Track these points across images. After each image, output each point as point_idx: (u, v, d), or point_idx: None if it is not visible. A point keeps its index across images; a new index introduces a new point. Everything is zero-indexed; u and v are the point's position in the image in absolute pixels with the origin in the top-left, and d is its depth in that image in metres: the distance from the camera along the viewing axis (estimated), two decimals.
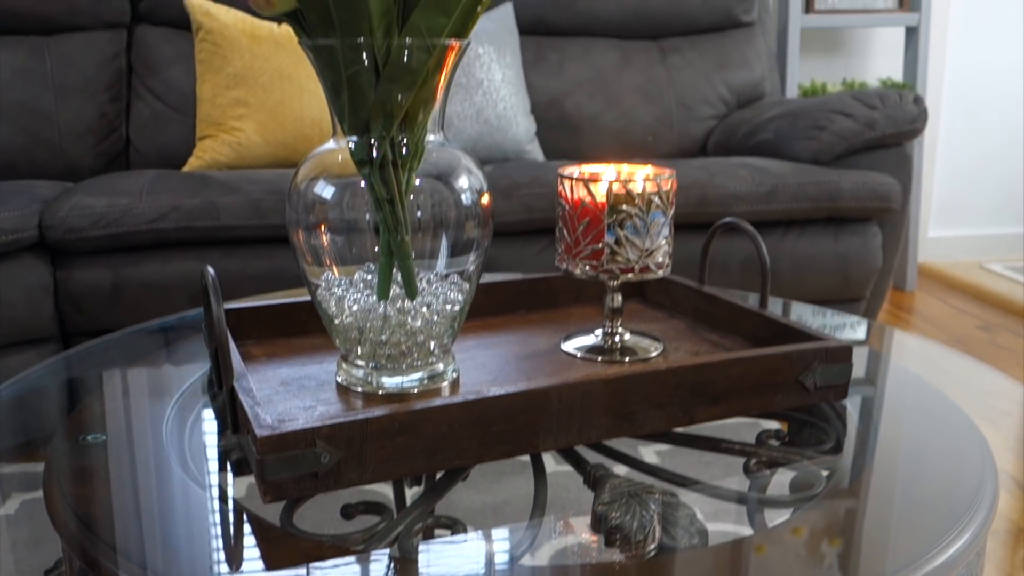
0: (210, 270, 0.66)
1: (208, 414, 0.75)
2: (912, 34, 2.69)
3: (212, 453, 0.68)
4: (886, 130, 1.85)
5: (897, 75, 2.80)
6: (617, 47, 2.29)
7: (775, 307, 1.12)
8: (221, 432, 0.71)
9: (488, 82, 1.99)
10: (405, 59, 0.62)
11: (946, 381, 0.86)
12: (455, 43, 0.65)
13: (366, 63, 0.62)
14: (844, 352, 0.73)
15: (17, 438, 0.81)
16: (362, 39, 0.62)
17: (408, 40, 0.62)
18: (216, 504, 0.60)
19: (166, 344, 0.98)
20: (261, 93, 1.87)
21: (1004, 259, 3.07)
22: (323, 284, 0.72)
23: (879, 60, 2.84)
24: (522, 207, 1.70)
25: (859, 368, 0.87)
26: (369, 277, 0.72)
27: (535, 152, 2.07)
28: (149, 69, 2.05)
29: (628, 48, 2.29)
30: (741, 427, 0.78)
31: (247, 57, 1.88)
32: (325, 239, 0.70)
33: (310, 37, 0.64)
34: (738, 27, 2.37)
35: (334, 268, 0.72)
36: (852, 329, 1.09)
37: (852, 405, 0.77)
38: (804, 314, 1.14)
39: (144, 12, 2.10)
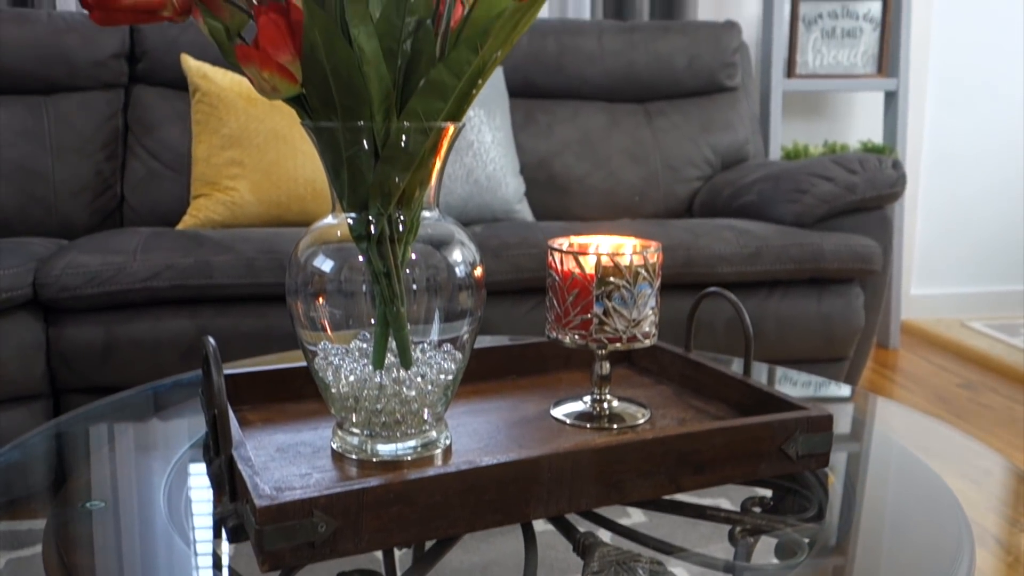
0: (211, 340, 0.68)
1: (205, 480, 0.76)
2: (891, 98, 2.76)
3: (208, 521, 0.70)
4: (866, 194, 1.90)
5: (878, 137, 2.87)
6: (605, 110, 2.34)
7: (760, 371, 1.15)
8: (217, 498, 0.72)
9: (479, 144, 2.03)
10: (403, 143, 0.65)
11: (926, 443, 0.88)
12: (451, 125, 0.68)
13: (366, 146, 0.65)
14: (825, 421, 0.76)
15: (9, 498, 0.82)
16: (362, 123, 0.65)
17: (406, 124, 0.65)
18: (212, 573, 0.62)
19: (162, 407, 1.00)
20: (256, 153, 1.90)
21: (985, 317, 3.11)
22: (320, 353, 0.74)
23: (860, 123, 2.91)
24: (511, 267, 1.73)
25: (841, 434, 0.89)
26: (364, 345, 0.75)
27: (524, 212, 2.11)
28: (145, 128, 2.09)
29: (615, 111, 2.35)
30: (728, 487, 0.79)
31: (242, 118, 1.92)
32: (323, 310, 0.72)
33: (312, 120, 0.67)
34: (722, 91, 2.43)
35: (331, 337, 0.74)
36: (836, 392, 1.11)
37: (834, 471, 0.79)
38: (789, 378, 1.16)
39: (141, 73, 2.14)
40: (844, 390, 1.13)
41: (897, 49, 2.71)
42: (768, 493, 0.78)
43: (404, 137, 0.65)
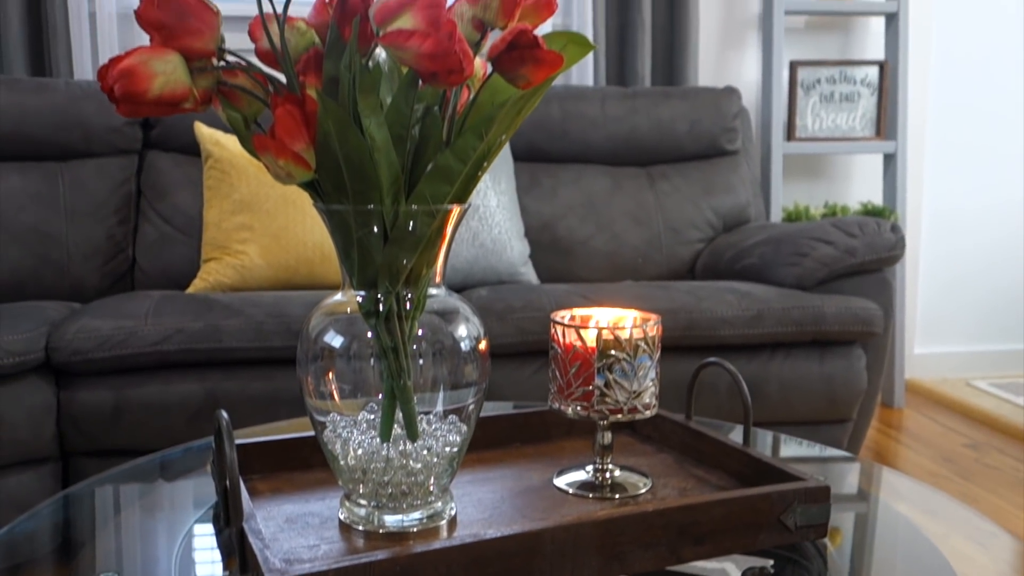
0: (224, 415, 0.71)
1: (215, 551, 0.78)
2: (890, 160, 2.81)
3: None
4: (866, 257, 1.93)
5: (878, 198, 2.91)
6: (608, 173, 2.39)
7: (764, 438, 1.16)
8: (228, 569, 0.74)
9: (484, 208, 2.07)
10: (411, 226, 0.68)
11: (927, 513, 0.89)
12: (457, 207, 0.71)
13: (375, 229, 0.68)
14: (823, 492, 0.77)
15: (21, 568, 0.83)
16: (372, 206, 0.68)
17: (414, 207, 0.68)
18: None
19: (172, 475, 1.02)
20: (266, 218, 1.94)
21: (990, 376, 3.12)
22: (329, 425, 0.76)
23: (860, 184, 2.95)
24: (516, 330, 1.75)
25: (844, 500, 0.90)
26: (372, 417, 0.77)
27: (529, 274, 2.14)
28: (158, 193, 2.13)
29: (618, 174, 2.39)
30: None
31: (253, 184, 1.97)
32: (332, 383, 0.74)
33: (325, 202, 0.70)
34: (723, 155, 2.48)
35: (340, 408, 0.76)
36: (838, 459, 1.12)
37: (834, 540, 0.81)
38: (791, 443, 1.17)
39: (155, 139, 2.20)
40: (846, 457, 1.14)
41: (895, 113, 2.77)
42: (770, 562, 0.79)
43: (412, 221, 0.68)
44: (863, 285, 1.95)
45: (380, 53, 0.72)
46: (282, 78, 0.70)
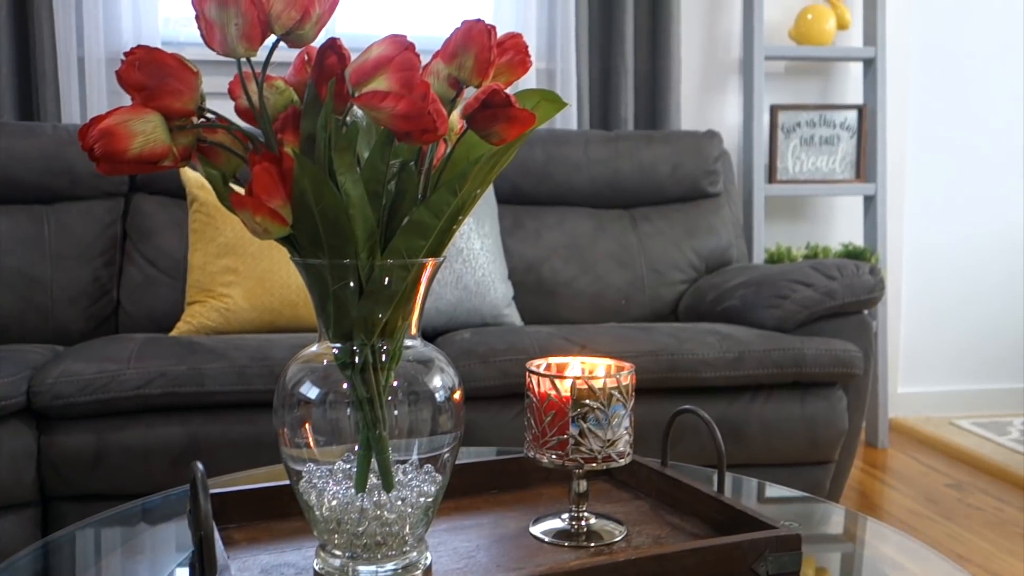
0: (199, 466, 0.71)
1: None
2: (870, 202, 2.85)
3: None
4: (845, 299, 1.95)
5: (859, 238, 2.95)
6: (591, 215, 2.41)
7: (742, 484, 1.17)
8: None
9: (468, 251, 2.09)
10: (386, 281, 0.69)
11: (900, 562, 0.90)
12: (432, 261, 0.73)
13: (351, 284, 0.70)
14: (794, 541, 0.78)
15: None
16: (348, 260, 0.69)
17: (389, 261, 0.70)
18: None
19: (152, 522, 1.01)
20: (250, 261, 1.96)
21: (973, 415, 3.14)
22: (305, 475, 0.77)
23: (841, 225, 2.99)
24: (499, 373, 1.76)
25: (821, 542, 0.91)
26: (348, 467, 0.77)
27: (513, 316, 2.15)
28: (143, 235, 2.14)
29: (601, 216, 2.42)
30: None
31: (238, 227, 1.98)
32: (308, 434, 0.75)
33: (301, 256, 0.72)
34: (705, 197, 2.51)
35: (316, 456, 0.77)
36: (815, 504, 1.13)
37: None
38: (772, 489, 1.18)
39: (141, 182, 2.21)
40: (825, 503, 1.15)
41: (874, 155, 2.81)
42: None
43: (387, 276, 0.70)
44: (843, 327, 1.97)
45: (358, 109, 0.74)
46: (261, 135, 0.72)
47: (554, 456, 0.83)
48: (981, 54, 3.07)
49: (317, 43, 0.74)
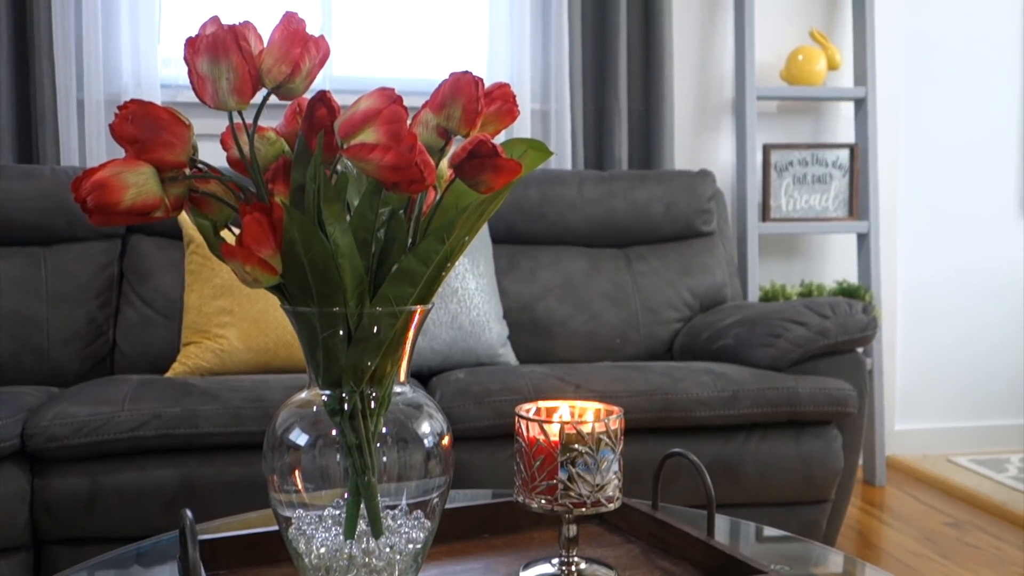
0: (188, 515, 0.72)
1: None
2: (863, 239, 2.86)
3: None
4: (838, 338, 1.96)
5: (853, 276, 2.96)
6: (586, 255, 2.43)
7: (742, 529, 1.17)
8: None
9: (463, 291, 2.10)
10: (375, 329, 0.70)
11: None
12: (420, 309, 0.74)
13: (340, 332, 0.70)
14: None
15: None
16: (337, 308, 0.70)
17: (378, 309, 0.71)
18: None
19: (144, 567, 1.01)
20: (245, 302, 1.96)
21: (971, 452, 3.13)
22: (294, 522, 0.77)
23: (835, 262, 3.00)
24: (493, 413, 1.76)
25: None
26: (337, 512, 0.78)
27: (507, 355, 2.16)
28: (140, 276, 2.15)
29: (596, 256, 2.43)
30: None
31: None
32: (297, 481, 0.75)
33: (291, 304, 0.73)
34: (699, 236, 2.52)
35: (305, 500, 0.77)
36: (806, 547, 1.13)
37: None
38: (763, 529, 1.18)
39: (139, 224, 2.22)
40: (819, 546, 1.15)
41: (866, 194, 2.83)
42: None
43: (376, 324, 0.71)
44: (837, 365, 1.98)
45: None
46: (252, 184, 0.73)
47: (543, 501, 0.84)
48: (971, 93, 3.10)
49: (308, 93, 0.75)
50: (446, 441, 0.79)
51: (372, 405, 0.74)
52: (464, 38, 2.75)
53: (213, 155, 1.24)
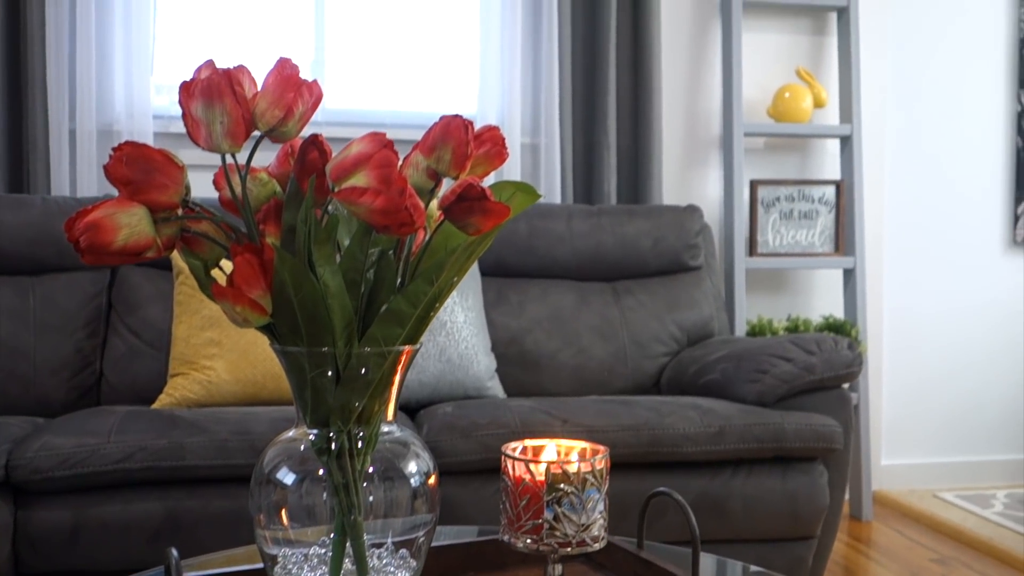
0: (174, 553, 0.72)
1: None
2: (849, 275, 2.89)
3: None
4: (824, 374, 1.97)
5: (839, 311, 2.98)
6: (574, 288, 2.44)
7: (727, 568, 1.17)
8: None
9: (451, 324, 2.11)
10: (363, 371, 0.71)
11: None
12: (408, 349, 0.74)
13: (329, 373, 0.71)
14: None
15: None
16: (326, 349, 0.71)
17: (367, 349, 0.72)
18: None
19: None
20: (234, 334, 1.96)
21: (957, 488, 3.14)
22: (280, 560, 0.77)
23: (821, 297, 3.02)
24: (480, 447, 1.76)
25: None
26: (323, 551, 0.78)
27: (496, 388, 2.16)
28: (128, 307, 2.15)
29: (584, 289, 2.44)
30: None
31: None
32: (284, 520, 0.76)
33: (280, 343, 0.73)
34: (686, 271, 2.54)
35: (291, 537, 0.77)
36: None
37: None
38: (746, 570, 1.18)
39: None
40: None
41: (852, 229, 2.86)
42: None
43: (364, 366, 0.71)
44: (823, 401, 1.99)
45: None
46: (243, 225, 0.74)
47: (529, 540, 0.84)
48: (955, 130, 3.15)
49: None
50: (432, 480, 0.79)
51: (359, 444, 0.74)
52: (455, 73, 2.78)
53: (205, 185, 1.25)
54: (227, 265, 1.07)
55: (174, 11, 2.60)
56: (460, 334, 2.11)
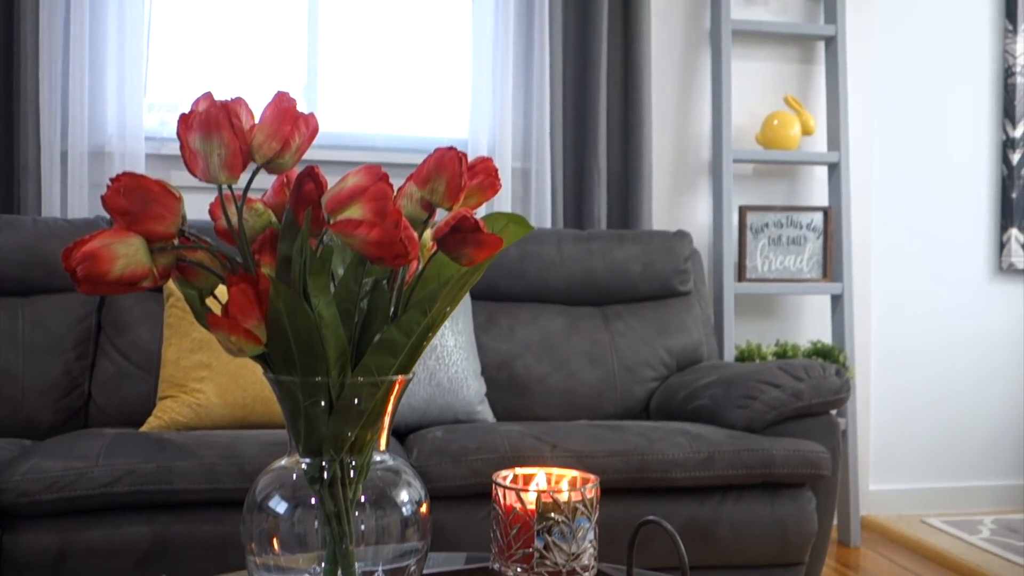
0: None
1: None
2: (837, 301, 2.91)
3: None
4: (812, 400, 1.98)
5: (827, 336, 3.00)
6: (564, 313, 2.45)
7: None
8: None
9: (441, 348, 2.11)
10: (356, 401, 0.72)
11: None
12: (401, 379, 0.75)
13: (322, 403, 0.72)
14: None
15: None
16: (319, 378, 0.72)
17: (360, 379, 0.72)
18: None
19: None
20: (224, 357, 1.96)
21: (944, 513, 3.15)
22: None
23: (810, 323, 3.04)
24: (470, 472, 1.76)
25: None
26: None
27: (485, 412, 2.16)
28: (118, 329, 2.15)
29: (574, 314, 2.45)
30: None
31: None
32: (276, 548, 0.76)
33: (274, 372, 0.74)
34: (676, 296, 2.56)
35: (282, 572, 0.77)
36: None
37: None
38: None
39: None
40: None
41: (840, 256, 2.89)
42: None
43: (357, 397, 0.72)
44: (811, 428, 2.00)
45: None
46: (238, 254, 0.75)
47: (519, 569, 0.84)
48: (942, 157, 3.19)
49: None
50: (424, 508, 0.79)
51: (351, 474, 0.75)
52: (447, 97, 2.80)
53: (200, 208, 1.25)
54: (221, 290, 1.08)
55: (167, 33, 2.62)
56: (450, 358, 2.12)
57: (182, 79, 2.63)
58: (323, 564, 0.75)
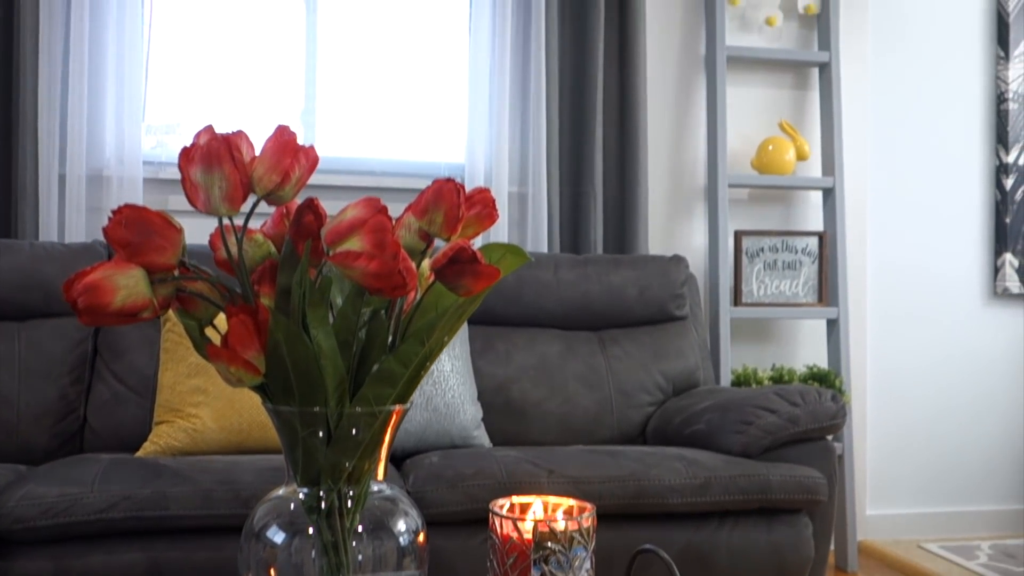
0: None
1: None
2: (833, 325, 2.92)
3: None
4: (808, 426, 1.99)
5: (823, 360, 3.01)
6: (560, 337, 2.45)
7: None
8: None
9: (438, 372, 2.11)
10: (354, 431, 0.72)
11: None
12: (399, 408, 0.75)
13: (320, 433, 0.72)
14: None
15: None
16: (318, 408, 0.72)
17: (358, 409, 0.73)
18: None
19: None
20: (220, 382, 1.96)
21: (941, 539, 3.14)
22: None
23: (805, 347, 3.05)
24: (466, 497, 1.76)
25: None
26: None
27: (482, 437, 2.16)
28: (115, 353, 2.15)
29: (571, 338, 2.46)
30: None
31: None
32: None
33: (272, 402, 0.74)
34: (672, 320, 2.56)
35: None
36: None
37: None
38: None
39: None
40: None
41: (835, 280, 2.90)
42: None
43: (355, 427, 0.72)
44: (807, 453, 2.00)
45: None
46: (238, 285, 0.75)
47: None
48: (936, 182, 3.21)
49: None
50: (421, 538, 0.80)
51: (349, 503, 0.75)
52: (444, 122, 2.82)
53: (200, 234, 1.26)
54: (219, 318, 1.08)
55: (165, 55, 2.63)
56: (447, 383, 2.12)
57: (179, 101, 2.65)
58: None
